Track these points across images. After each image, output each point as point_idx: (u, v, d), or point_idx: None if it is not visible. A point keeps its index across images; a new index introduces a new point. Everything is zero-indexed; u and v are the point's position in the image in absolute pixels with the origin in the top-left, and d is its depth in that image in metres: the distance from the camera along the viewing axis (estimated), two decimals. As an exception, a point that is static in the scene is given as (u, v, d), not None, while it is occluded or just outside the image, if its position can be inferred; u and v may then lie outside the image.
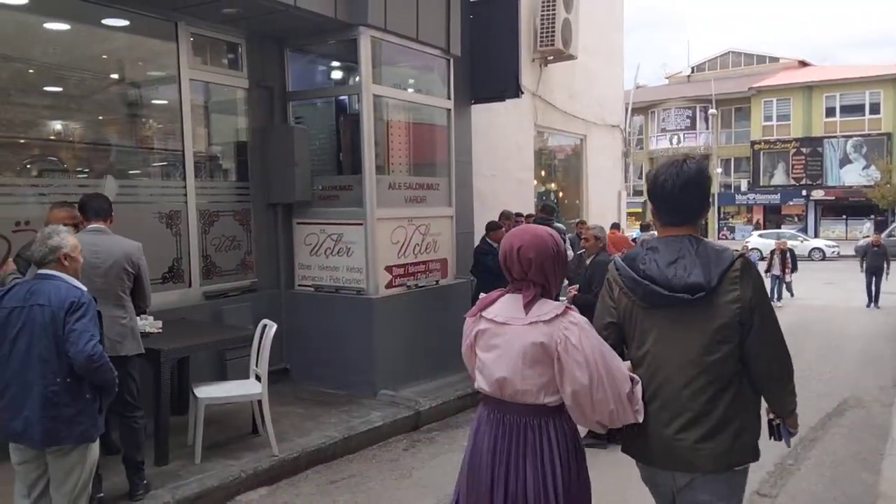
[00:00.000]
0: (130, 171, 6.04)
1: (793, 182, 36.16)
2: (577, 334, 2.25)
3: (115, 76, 5.98)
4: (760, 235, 29.07)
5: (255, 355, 5.07)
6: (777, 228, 33.46)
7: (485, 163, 9.49)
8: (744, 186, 37.88)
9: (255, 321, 5.39)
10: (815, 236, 33.03)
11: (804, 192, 35.79)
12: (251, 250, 6.73)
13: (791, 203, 36.52)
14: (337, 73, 7.72)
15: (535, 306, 2.34)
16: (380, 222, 6.61)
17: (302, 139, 6.65)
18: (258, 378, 4.98)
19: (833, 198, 35.33)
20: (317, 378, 6.63)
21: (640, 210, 37.61)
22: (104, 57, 5.90)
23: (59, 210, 4.23)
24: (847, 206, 35.39)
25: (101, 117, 5.93)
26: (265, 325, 5.06)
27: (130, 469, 4.15)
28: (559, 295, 2.78)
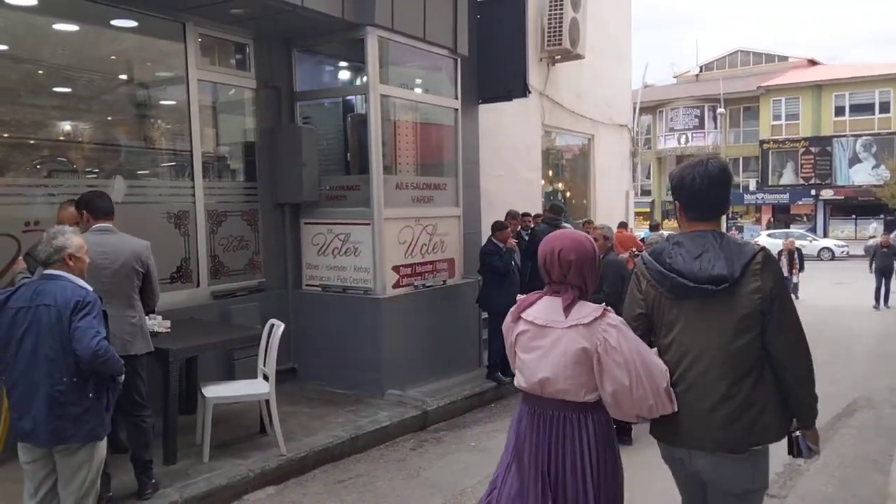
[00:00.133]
0: (139, 172, 6.06)
1: (802, 181, 35.94)
2: (616, 336, 2.34)
3: (123, 77, 6.01)
4: (769, 235, 28.93)
5: (262, 355, 5.09)
6: (786, 228, 33.29)
7: (492, 163, 9.48)
8: (752, 186, 37.67)
9: (263, 321, 5.42)
10: (825, 236, 32.87)
11: (813, 192, 35.55)
12: (259, 250, 6.75)
13: (800, 203, 36.30)
14: (344, 73, 7.74)
15: (575, 309, 2.43)
16: (387, 222, 6.61)
17: (309, 139, 6.67)
18: (266, 378, 4.99)
19: (842, 197, 35.10)
20: (324, 378, 6.64)
21: (648, 210, 37.53)
22: (113, 58, 5.92)
23: (69, 209, 4.25)
24: (856, 205, 35.15)
25: (109, 118, 5.97)
26: (273, 325, 5.07)
27: (139, 468, 4.16)
28: None
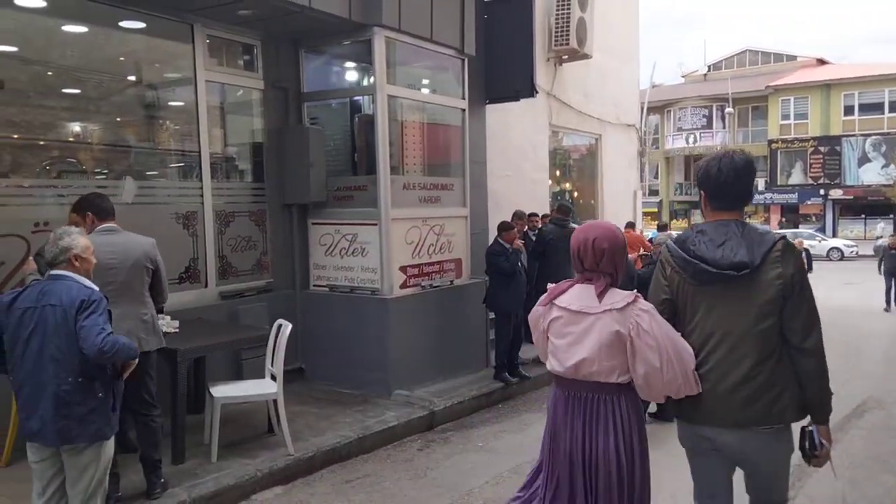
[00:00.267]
0: (148, 173, 6.09)
1: (810, 181, 35.75)
2: (648, 320, 2.48)
3: (132, 78, 6.04)
4: (779, 234, 28.76)
5: (270, 355, 5.10)
6: (795, 228, 33.11)
7: (499, 163, 9.46)
8: (761, 186, 37.47)
9: (271, 321, 5.43)
10: (833, 236, 32.67)
11: (822, 192, 35.37)
12: (267, 251, 6.76)
13: (809, 202, 36.11)
14: (351, 74, 7.74)
15: (607, 295, 2.56)
16: (394, 222, 6.62)
17: (317, 140, 6.68)
18: (273, 378, 5.00)
19: (851, 197, 34.91)
20: (331, 378, 6.65)
21: (656, 210, 37.42)
22: (121, 59, 5.95)
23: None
24: (865, 205, 34.95)
25: (118, 119, 5.99)
26: (280, 325, 5.08)
27: (148, 467, 4.18)
28: None
